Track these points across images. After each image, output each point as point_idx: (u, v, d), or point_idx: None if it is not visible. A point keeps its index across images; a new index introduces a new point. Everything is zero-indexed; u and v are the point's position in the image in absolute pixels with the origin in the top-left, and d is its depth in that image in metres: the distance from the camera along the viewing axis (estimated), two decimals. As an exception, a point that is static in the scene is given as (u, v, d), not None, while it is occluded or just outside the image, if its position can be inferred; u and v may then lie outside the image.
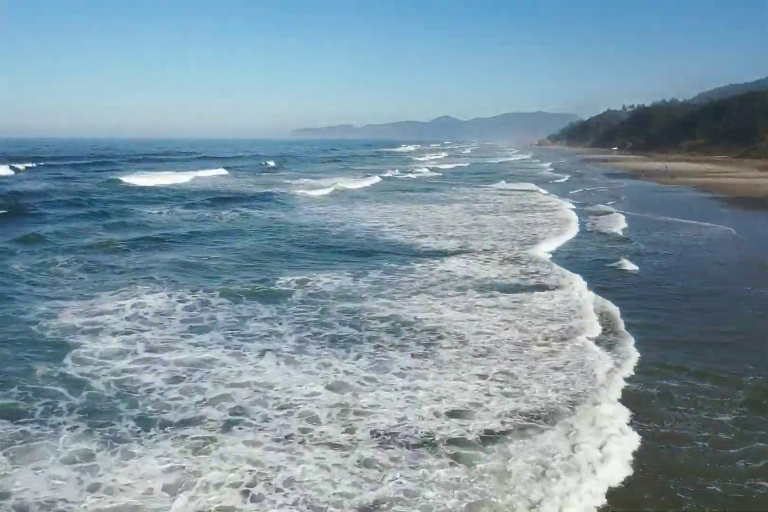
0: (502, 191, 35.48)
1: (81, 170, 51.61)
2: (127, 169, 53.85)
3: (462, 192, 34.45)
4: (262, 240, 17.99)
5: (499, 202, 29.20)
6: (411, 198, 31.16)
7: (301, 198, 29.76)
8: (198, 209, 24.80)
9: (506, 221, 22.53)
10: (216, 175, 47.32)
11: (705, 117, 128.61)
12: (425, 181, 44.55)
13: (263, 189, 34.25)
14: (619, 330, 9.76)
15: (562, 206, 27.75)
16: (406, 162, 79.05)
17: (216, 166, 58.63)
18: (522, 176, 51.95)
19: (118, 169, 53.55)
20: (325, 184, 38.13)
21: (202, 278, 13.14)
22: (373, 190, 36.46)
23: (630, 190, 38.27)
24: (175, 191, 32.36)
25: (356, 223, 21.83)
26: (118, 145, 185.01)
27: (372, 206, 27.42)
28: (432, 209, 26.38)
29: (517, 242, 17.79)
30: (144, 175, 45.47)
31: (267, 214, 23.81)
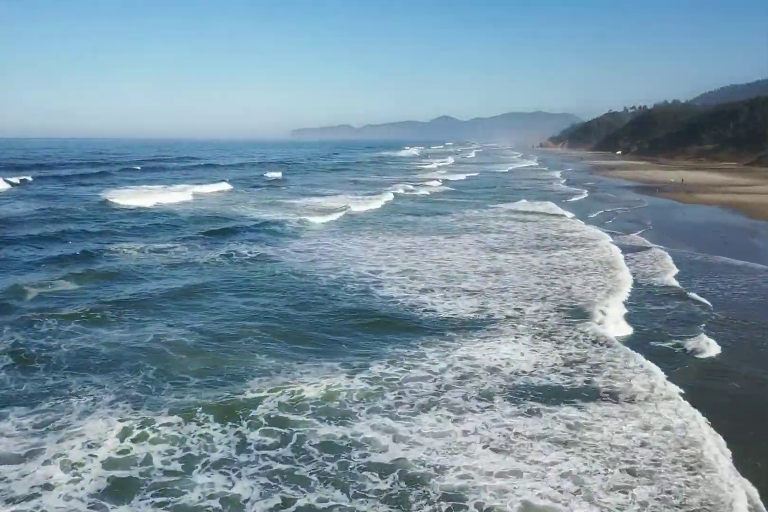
0: (517, 213, 33.25)
1: (73, 184, 49.30)
2: (122, 182, 51.48)
3: (471, 216, 31.81)
4: (237, 306, 14.68)
5: (515, 232, 26.74)
6: (416, 225, 28.40)
7: (303, 228, 26.92)
8: (182, 245, 21.79)
9: (529, 264, 19.81)
10: (217, 192, 44.70)
11: (712, 121, 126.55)
12: (435, 198, 42.02)
13: (265, 212, 31.75)
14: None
15: (592, 236, 25.50)
16: (413, 171, 76.30)
17: (217, 177, 57.21)
18: (535, 190, 49.67)
19: (112, 182, 51.05)
20: (332, 204, 35.68)
21: (135, 387, 9.98)
22: (381, 212, 33.87)
23: (653, 211, 36.15)
24: (168, 216, 29.64)
25: (353, 266, 19.11)
26: (117, 148, 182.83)
27: (374, 238, 24.76)
28: (438, 243, 23.68)
29: (551, 303, 14.97)
30: (139, 190, 43.35)
31: (257, 254, 20.74)
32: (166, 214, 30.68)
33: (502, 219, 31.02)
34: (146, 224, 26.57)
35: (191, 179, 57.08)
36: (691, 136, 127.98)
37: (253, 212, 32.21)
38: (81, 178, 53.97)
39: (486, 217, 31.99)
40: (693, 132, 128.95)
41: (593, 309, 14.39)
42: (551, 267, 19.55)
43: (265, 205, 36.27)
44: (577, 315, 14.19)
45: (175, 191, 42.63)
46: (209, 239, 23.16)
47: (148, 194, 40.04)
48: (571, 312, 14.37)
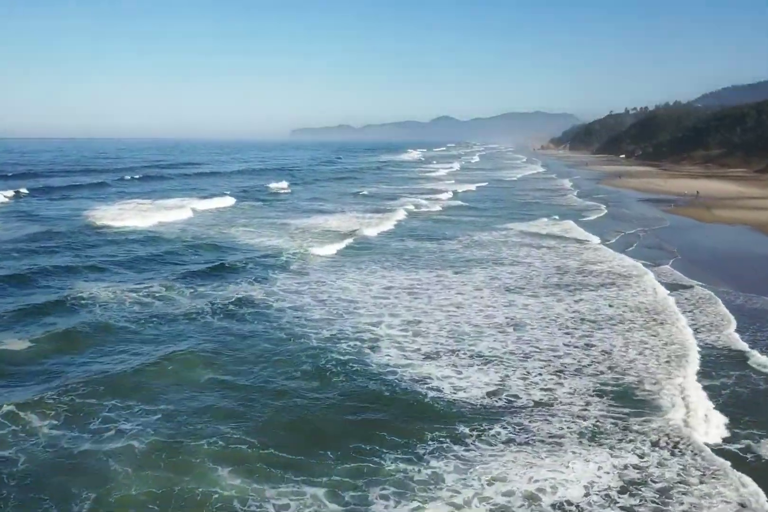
0: (532, 237, 30.80)
1: (63, 197, 46.81)
2: (117, 195, 49.10)
3: (482, 241, 29.32)
4: (202, 389, 12.20)
5: (531, 263, 24.25)
6: (421, 254, 26.00)
7: (300, 260, 24.21)
8: (161, 286, 19.14)
9: (553, 312, 17.23)
10: (218, 207, 41.97)
11: (718, 125, 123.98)
12: (446, 215, 39.43)
13: (264, 238, 29.09)
14: None
15: (622, 268, 23.12)
16: (420, 179, 73.63)
17: (219, 189, 54.82)
18: (548, 205, 47.25)
19: (105, 195, 48.53)
20: (339, 224, 33.43)
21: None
22: (390, 234, 31.56)
23: (674, 233, 33.80)
24: (155, 243, 27.14)
25: (348, 316, 16.76)
26: (116, 151, 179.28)
27: (373, 273, 22.31)
28: (446, 281, 21.14)
29: (590, 379, 12.45)
30: (133, 207, 40.75)
31: (243, 298, 18.07)
32: (154, 240, 28.10)
33: (515, 244, 28.61)
34: (127, 256, 24.00)
35: (192, 191, 54.78)
36: (697, 140, 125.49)
37: (251, 237, 29.54)
38: (73, 190, 51.41)
39: (498, 241, 29.61)
40: (698, 136, 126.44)
41: (657, 393, 11.90)
42: (580, 317, 17.13)
43: (267, 225, 33.65)
44: (630, 400, 11.74)
45: (172, 207, 40.14)
46: (193, 279, 20.62)
47: (141, 212, 37.58)
48: (620, 396, 11.92)
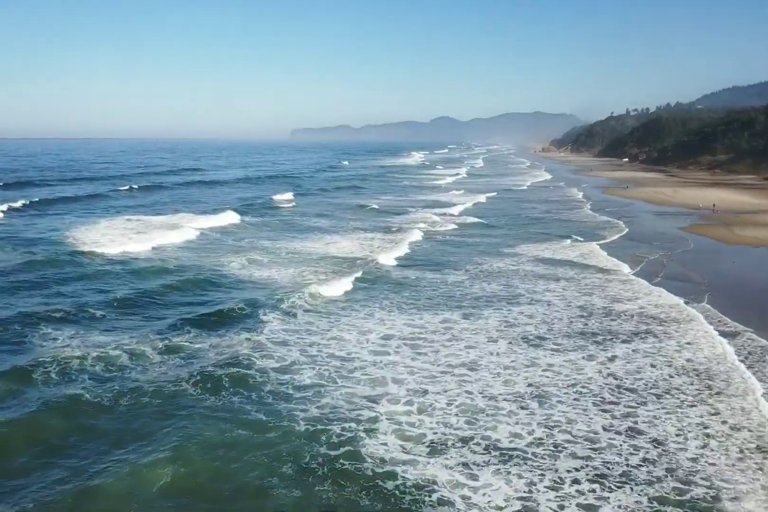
0: (549, 265, 28.29)
1: (50, 213, 44.14)
2: (109, 209, 46.68)
3: (492, 270, 26.79)
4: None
5: (550, 302, 21.73)
6: (422, 289, 23.63)
7: (303, 302, 21.06)
8: (137, 344, 16.45)
9: (585, 377, 14.79)
10: (220, 227, 38.97)
11: (725, 130, 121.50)
12: (457, 237, 36.73)
13: (267, 270, 26.16)
14: None
15: (654, 308, 20.70)
16: (428, 189, 70.78)
17: (221, 201, 52.54)
18: (561, 220, 44.93)
19: (96, 210, 45.98)
20: (350, 249, 30.81)
21: None
22: (404, 261, 28.89)
23: (699, 257, 31.38)
24: (137, 280, 24.01)
25: (342, 381, 14.51)
26: (113, 154, 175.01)
27: (370, 315, 20.03)
28: (454, 329, 18.69)
29: (645, 488, 10.01)
30: (126, 225, 38.28)
31: (222, 359, 15.61)
32: (140, 274, 25.06)
33: (530, 275, 26.14)
34: (105, 297, 21.18)
35: (191, 204, 52.09)
36: (703, 145, 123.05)
37: (250, 269, 26.38)
38: (61, 204, 48.68)
39: (510, 270, 27.15)
40: (704, 141, 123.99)
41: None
42: (617, 384, 14.71)
43: (269, 252, 30.31)
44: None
45: (169, 226, 37.55)
46: (172, 330, 18.01)
47: (132, 233, 35.02)
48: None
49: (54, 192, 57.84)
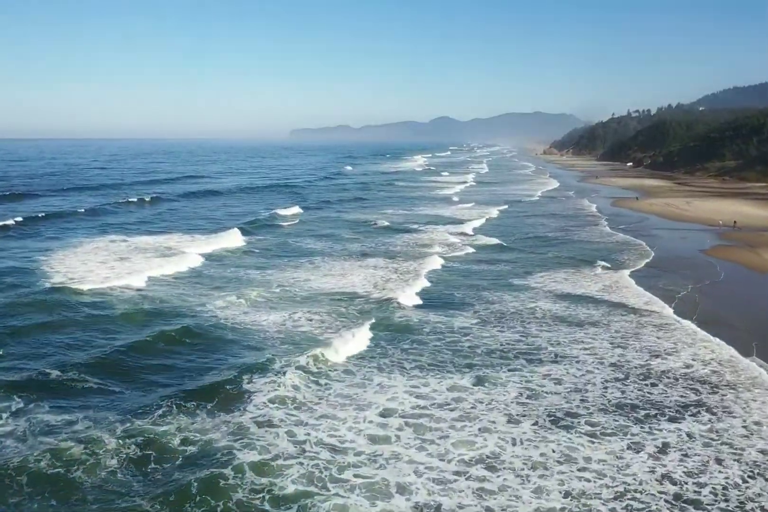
0: (572, 302, 25.24)
1: (30, 234, 41.23)
2: (100, 227, 43.90)
3: (505, 311, 23.83)
4: None
5: (578, 358, 18.77)
6: (428, 340, 20.72)
7: (297, 374, 17.20)
8: (103, 433, 13.67)
9: (635, 484, 11.87)
10: (223, 251, 35.96)
11: (733, 135, 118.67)
12: (468, 264, 33.84)
13: (269, 316, 22.67)
14: None
15: (715, 376, 17.66)
16: (437, 201, 67.18)
17: (221, 218, 49.32)
18: (576, 239, 42.19)
19: (83, 228, 43.42)
20: (361, 286, 27.51)
21: None
22: (422, 305, 25.17)
23: (735, 291, 28.73)
24: (119, 333, 20.88)
25: (335, 488, 11.88)
26: (110, 157, 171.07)
27: (372, 382, 17.21)
28: (463, 403, 15.71)
29: None
30: (115, 249, 35.21)
31: (193, 450, 13.15)
32: (108, 326, 21.52)
33: (550, 318, 23.27)
34: (60, 359, 18.17)
35: (189, 220, 49.31)
36: (710, 150, 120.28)
37: (245, 319, 22.47)
38: (45, 222, 45.68)
39: (525, 310, 24.28)
40: (712, 146, 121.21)
41: None
42: (677, 495, 11.91)
43: (271, 289, 26.51)
44: None
45: (161, 252, 34.64)
46: (137, 413, 14.99)
47: (120, 260, 32.05)
48: None
49: (38, 206, 54.92)
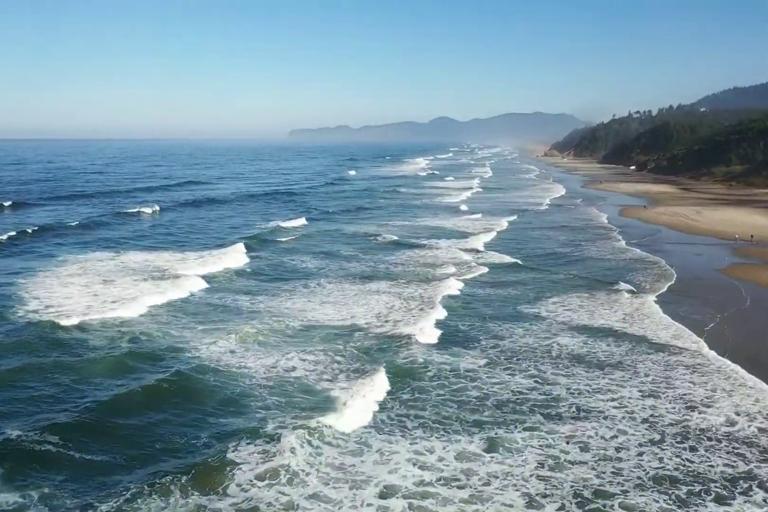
0: (591, 336, 23.27)
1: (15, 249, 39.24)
2: (89, 242, 41.72)
3: (516, 349, 21.77)
4: None
5: (606, 415, 16.72)
6: (431, 387, 18.85)
7: (305, 437, 15.25)
8: None
9: None
10: (226, 272, 33.60)
11: (739, 139, 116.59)
12: (479, 289, 31.78)
13: (273, 362, 20.34)
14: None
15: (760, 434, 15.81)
16: (442, 210, 64.50)
17: (220, 231, 46.69)
18: (590, 256, 39.97)
19: (70, 244, 41.17)
20: (374, 326, 24.39)
21: None
22: (439, 345, 22.59)
23: (763, 320, 26.72)
24: (88, 383, 18.50)
25: None
26: (102, 161, 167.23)
27: (371, 448, 15.27)
28: (472, 475, 13.84)
29: None
30: (99, 269, 32.93)
31: None
32: (90, 375, 19.11)
33: (568, 358, 21.14)
34: (32, 419, 16.18)
35: (186, 234, 46.70)
36: (716, 155, 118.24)
37: (239, 362, 20.16)
38: (32, 237, 43.10)
39: (540, 348, 22.14)
40: (717, 150, 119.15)
41: None
42: None
43: (271, 324, 23.98)
44: None
45: (154, 273, 32.46)
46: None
47: (99, 286, 29.50)
48: None
49: (26, 218, 52.88)
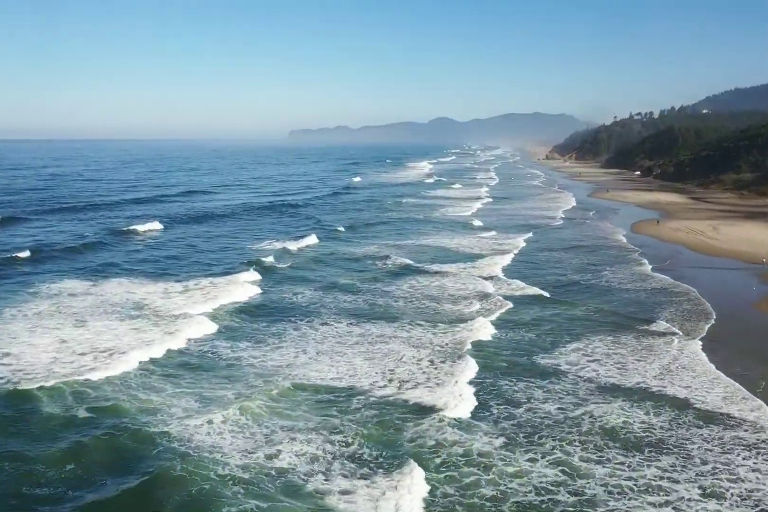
0: (619, 399, 20.17)
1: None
2: (70, 268, 38.42)
3: (538, 422, 18.69)
4: None
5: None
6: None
7: None
8: None
9: None
10: (230, 316, 29.42)
11: (748, 145, 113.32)
12: (509, 332, 29.02)
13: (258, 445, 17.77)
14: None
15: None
16: (455, 226, 60.46)
17: (213, 261, 41.51)
18: (616, 286, 36.37)
19: (44, 271, 37.77)
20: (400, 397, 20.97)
21: None
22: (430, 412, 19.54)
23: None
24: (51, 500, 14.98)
25: None
26: (96, 165, 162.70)
27: None
28: None
29: None
30: (74, 306, 29.64)
31: None
32: (29, 479, 15.56)
33: (598, 434, 18.01)
34: None
35: (176, 259, 42.49)
36: (725, 161, 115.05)
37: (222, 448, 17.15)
38: (12, 263, 39.52)
39: (563, 421, 18.92)
40: (726, 157, 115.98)
41: None
42: None
43: (270, 392, 21.42)
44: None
45: (134, 311, 29.29)
46: None
47: (71, 329, 26.44)
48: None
49: (6, 236, 49.86)
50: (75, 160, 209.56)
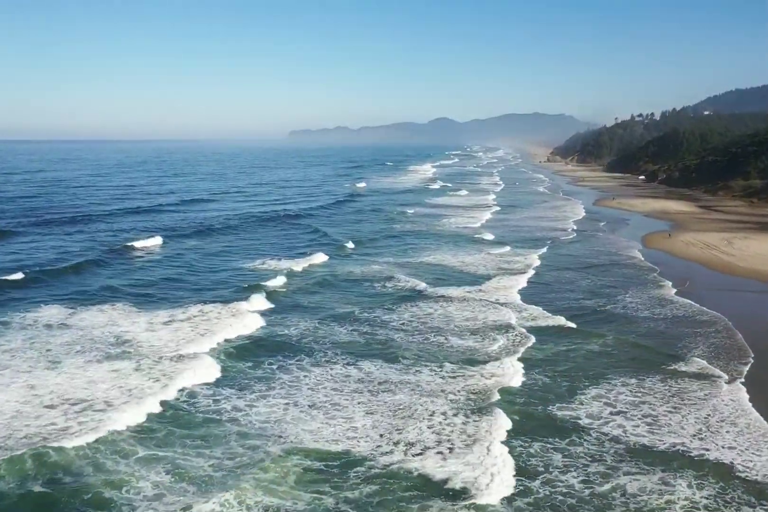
0: (655, 471, 17.36)
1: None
2: (50, 294, 35.28)
3: (560, 501, 16.25)
4: None
5: None
6: None
7: None
8: None
9: None
10: (238, 368, 25.37)
11: (757, 151, 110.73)
12: (534, 374, 26.52)
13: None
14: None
15: None
16: (465, 241, 56.49)
17: (218, 288, 37.28)
18: (642, 315, 32.96)
19: (16, 301, 34.29)
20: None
21: None
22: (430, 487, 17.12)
23: None
24: None
25: None
26: (92, 168, 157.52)
27: None
28: None
29: None
30: (45, 350, 26.45)
31: None
32: None
33: None
34: None
35: (171, 283, 39.14)
36: (733, 167, 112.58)
37: None
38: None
39: (590, 500, 16.56)
40: (734, 162, 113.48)
41: None
42: None
43: (225, 469, 19.31)
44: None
45: (114, 349, 26.57)
46: None
47: (38, 378, 23.89)
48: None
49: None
50: (72, 163, 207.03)
